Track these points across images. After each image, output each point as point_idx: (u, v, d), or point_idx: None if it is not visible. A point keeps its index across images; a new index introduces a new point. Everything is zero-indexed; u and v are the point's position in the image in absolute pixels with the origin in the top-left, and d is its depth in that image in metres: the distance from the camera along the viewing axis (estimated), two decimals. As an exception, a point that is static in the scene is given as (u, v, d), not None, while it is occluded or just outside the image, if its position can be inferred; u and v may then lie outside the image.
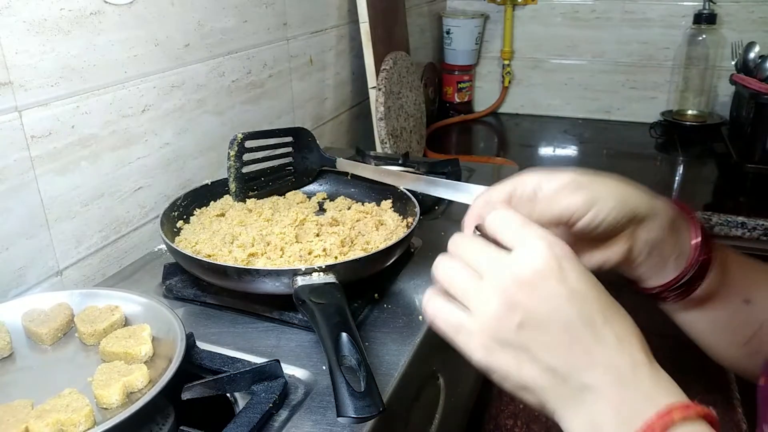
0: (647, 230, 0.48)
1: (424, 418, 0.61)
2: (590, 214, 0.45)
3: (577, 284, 0.38)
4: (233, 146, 0.77)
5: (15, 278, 0.65)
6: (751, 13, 1.65)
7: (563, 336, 0.37)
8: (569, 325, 0.37)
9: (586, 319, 0.38)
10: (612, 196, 0.45)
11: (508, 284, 0.38)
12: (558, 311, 0.37)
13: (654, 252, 0.50)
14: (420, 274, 0.71)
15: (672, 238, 0.50)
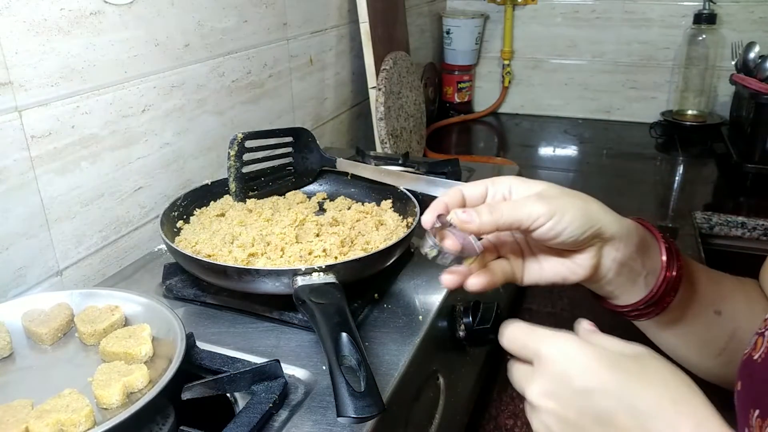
0: (615, 249, 0.49)
1: (424, 418, 0.61)
2: (550, 224, 0.46)
3: (591, 378, 0.39)
4: (233, 146, 0.77)
5: (15, 278, 0.65)
6: (751, 13, 1.65)
7: (596, 430, 0.39)
8: (598, 420, 0.39)
9: (612, 410, 0.38)
10: (576, 211, 0.47)
11: (533, 403, 0.41)
12: (582, 411, 0.39)
13: (623, 270, 0.51)
14: (420, 274, 0.71)
15: (641, 258, 0.51)
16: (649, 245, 0.52)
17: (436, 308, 0.65)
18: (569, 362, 0.40)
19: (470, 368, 0.75)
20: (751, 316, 0.55)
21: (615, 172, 1.55)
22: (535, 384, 0.41)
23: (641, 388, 0.38)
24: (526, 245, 0.53)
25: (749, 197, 1.37)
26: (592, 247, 0.49)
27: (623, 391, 0.38)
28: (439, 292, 0.67)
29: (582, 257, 0.49)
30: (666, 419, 0.37)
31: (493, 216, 0.46)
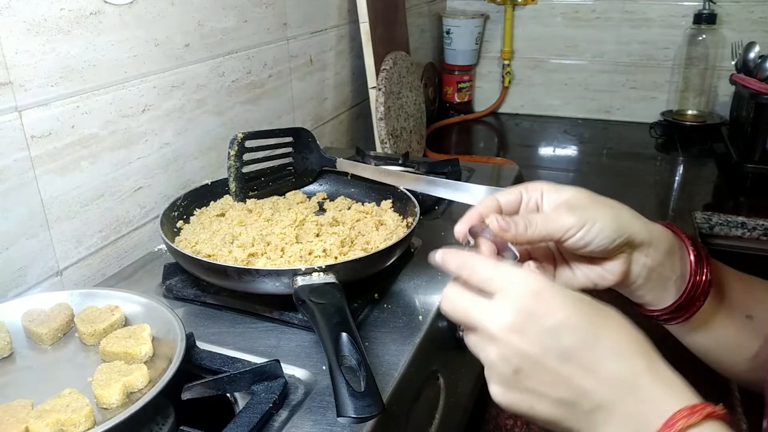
0: (645, 255, 0.50)
1: (424, 418, 0.61)
2: (580, 234, 0.47)
3: (559, 315, 0.40)
4: (233, 146, 0.77)
5: (15, 278, 0.65)
6: (751, 13, 1.65)
7: (559, 368, 0.40)
8: (561, 356, 0.39)
9: (576, 346, 0.39)
10: (605, 220, 0.47)
11: (496, 336, 0.41)
12: (547, 348, 0.40)
13: (653, 275, 0.51)
14: (420, 274, 0.71)
15: (671, 262, 0.52)
16: (678, 250, 0.52)
17: (436, 308, 0.65)
18: (538, 298, 0.40)
19: (470, 368, 0.75)
20: None
21: (615, 172, 1.55)
22: (501, 316, 0.40)
23: (604, 326, 0.40)
24: (557, 252, 0.53)
25: (749, 197, 1.37)
26: (622, 254, 0.49)
27: (589, 328, 0.40)
28: (439, 292, 0.67)
29: (612, 264, 0.50)
30: (625, 356, 0.39)
31: (528, 231, 0.47)
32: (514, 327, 0.40)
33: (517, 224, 0.47)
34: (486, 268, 0.43)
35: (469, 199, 0.72)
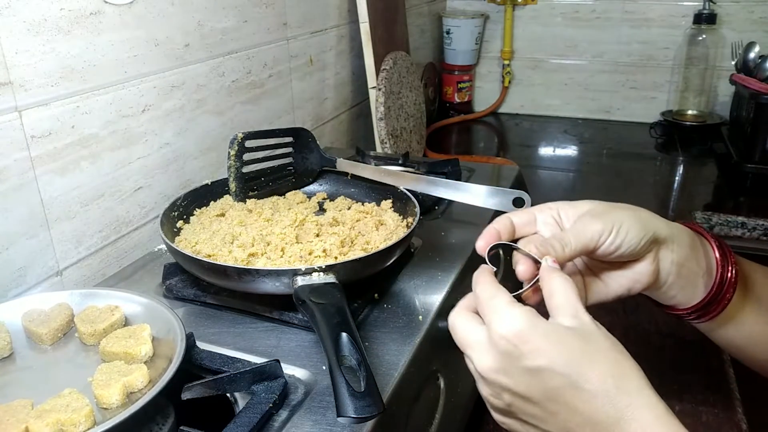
0: (671, 251, 0.51)
1: (424, 418, 0.61)
2: (610, 239, 0.48)
3: (541, 357, 0.41)
4: (233, 146, 0.77)
5: (15, 278, 0.65)
6: (751, 13, 1.65)
7: (546, 405, 0.41)
8: (546, 396, 0.41)
9: (559, 386, 0.41)
10: (629, 221, 0.48)
11: (484, 376, 0.43)
12: (532, 388, 0.41)
13: (682, 272, 0.52)
14: (420, 274, 0.71)
15: (696, 257, 0.52)
16: (701, 245, 0.53)
17: (436, 308, 0.65)
18: (519, 340, 0.41)
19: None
20: None
21: (615, 172, 1.55)
22: (486, 359, 0.43)
23: (586, 365, 0.40)
24: (585, 267, 0.54)
25: (749, 197, 1.37)
26: (650, 253, 0.50)
27: (569, 369, 0.40)
28: (439, 292, 0.67)
29: (642, 265, 0.51)
30: (607, 396, 0.40)
31: (566, 250, 0.48)
32: (499, 369, 0.42)
33: (554, 246, 0.47)
34: (483, 293, 0.45)
35: (469, 199, 0.72)
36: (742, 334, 0.57)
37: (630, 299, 0.96)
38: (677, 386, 0.80)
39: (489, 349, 0.42)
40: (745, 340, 0.57)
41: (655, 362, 0.85)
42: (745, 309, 0.55)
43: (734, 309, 0.55)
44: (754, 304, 0.56)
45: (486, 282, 0.46)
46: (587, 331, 0.42)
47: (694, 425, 0.74)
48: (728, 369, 0.84)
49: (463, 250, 0.77)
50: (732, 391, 0.80)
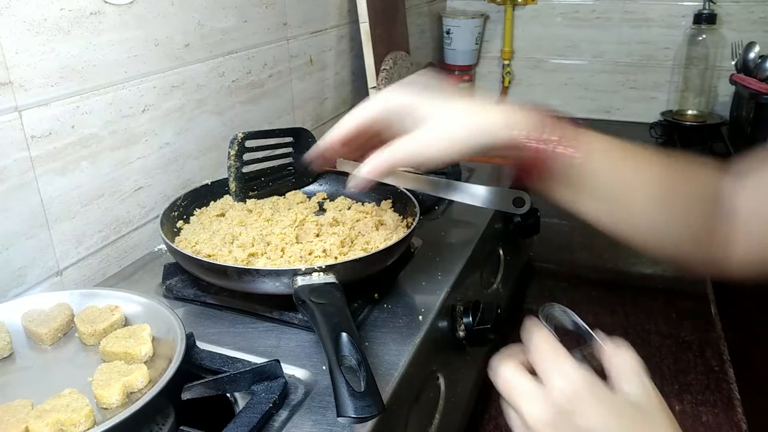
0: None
1: (424, 418, 0.61)
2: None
3: (593, 419, 0.40)
4: (233, 145, 0.77)
5: (15, 278, 0.65)
6: (751, 13, 1.65)
7: None
8: None
9: None
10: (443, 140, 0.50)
11: (536, 423, 0.41)
12: None
13: None
14: (420, 274, 0.71)
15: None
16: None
17: (436, 308, 0.65)
18: (577, 399, 0.41)
19: (470, 368, 0.75)
20: None
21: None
22: (540, 411, 0.41)
23: None
24: None
25: (749, 197, 1.37)
26: None
27: None
28: (439, 292, 0.68)
29: None
30: None
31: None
32: (549, 422, 0.41)
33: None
34: (544, 346, 0.44)
35: (469, 199, 0.72)
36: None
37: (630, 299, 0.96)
38: (677, 386, 0.80)
39: (544, 401, 0.41)
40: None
41: (655, 362, 0.85)
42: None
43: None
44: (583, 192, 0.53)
45: (546, 337, 0.45)
46: (648, 404, 0.42)
47: (694, 425, 0.74)
48: (728, 369, 0.84)
49: (463, 250, 0.77)
50: (732, 391, 0.80)
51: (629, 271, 1.12)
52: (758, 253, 0.52)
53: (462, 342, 0.70)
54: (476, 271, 0.80)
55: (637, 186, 0.53)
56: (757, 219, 0.51)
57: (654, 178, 0.53)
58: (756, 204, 0.52)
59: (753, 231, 0.51)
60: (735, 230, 0.52)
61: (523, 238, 1.02)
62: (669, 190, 0.53)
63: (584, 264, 1.14)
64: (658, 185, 0.53)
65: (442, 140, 0.50)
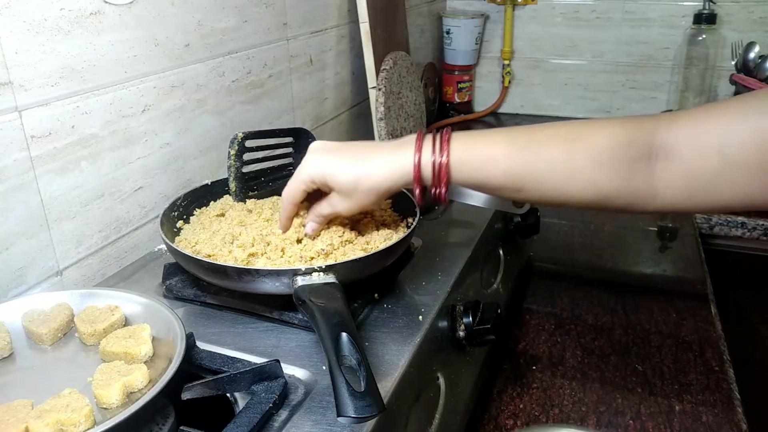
0: None
1: (424, 418, 0.61)
2: None
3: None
4: (233, 145, 0.77)
5: (15, 278, 0.65)
6: (751, 13, 1.65)
7: None
8: None
9: None
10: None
11: None
12: None
13: None
14: (420, 274, 0.71)
15: None
16: None
17: (436, 308, 0.65)
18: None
19: (470, 368, 0.75)
20: None
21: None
22: None
23: None
24: None
25: (749, 197, 1.37)
26: None
27: None
28: (439, 292, 0.68)
29: None
30: None
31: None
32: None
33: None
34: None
35: (469, 199, 0.72)
36: None
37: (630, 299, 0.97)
38: (677, 386, 0.80)
39: None
40: None
41: (655, 362, 0.85)
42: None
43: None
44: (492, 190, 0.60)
45: None
46: None
47: (694, 425, 0.74)
48: (728, 369, 0.84)
49: (463, 250, 0.77)
50: (732, 391, 0.80)
51: (629, 271, 1.12)
52: (695, 185, 0.55)
53: (462, 342, 0.70)
54: (476, 271, 0.80)
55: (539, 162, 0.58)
56: (694, 150, 0.54)
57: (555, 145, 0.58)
58: (691, 137, 0.54)
59: (692, 163, 0.54)
60: (669, 170, 0.55)
61: (523, 238, 1.02)
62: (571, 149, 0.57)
63: (584, 264, 1.14)
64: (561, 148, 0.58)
65: (351, 204, 0.62)
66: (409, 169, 0.59)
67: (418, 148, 0.59)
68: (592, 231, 1.23)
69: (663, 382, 0.81)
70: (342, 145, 0.63)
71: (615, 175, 0.56)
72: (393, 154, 0.60)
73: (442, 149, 0.58)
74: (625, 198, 0.57)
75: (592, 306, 0.98)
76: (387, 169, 0.60)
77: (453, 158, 0.58)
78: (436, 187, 0.59)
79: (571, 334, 0.91)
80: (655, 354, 0.87)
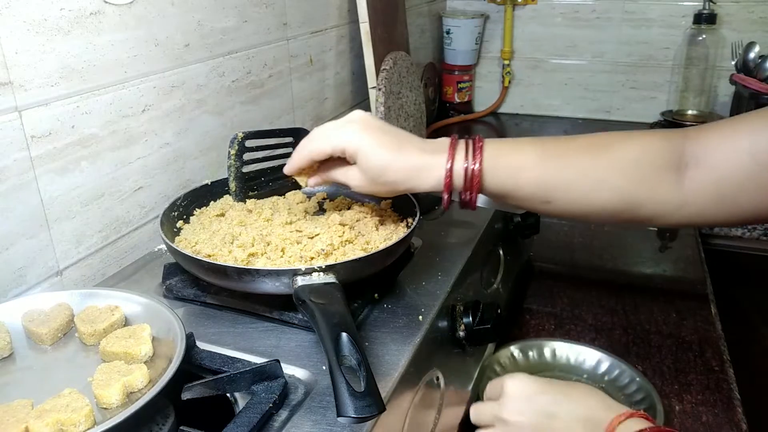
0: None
1: (424, 418, 0.61)
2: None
3: (534, 390, 0.62)
4: (233, 145, 0.77)
5: (15, 278, 0.65)
6: (751, 13, 1.65)
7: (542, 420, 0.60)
8: (545, 413, 0.60)
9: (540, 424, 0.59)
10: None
11: (512, 420, 0.61)
12: (536, 412, 0.60)
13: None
14: (420, 274, 0.71)
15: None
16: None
17: (436, 308, 0.65)
18: (524, 387, 0.61)
19: (470, 368, 0.75)
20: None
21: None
22: (508, 406, 0.61)
23: (566, 388, 0.61)
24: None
25: (749, 197, 1.36)
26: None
27: (556, 391, 0.61)
28: (439, 292, 0.68)
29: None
30: (582, 405, 0.59)
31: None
32: (518, 410, 0.61)
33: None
34: (489, 385, 0.66)
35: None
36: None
37: (630, 299, 0.97)
38: (677, 386, 0.80)
39: (508, 400, 0.62)
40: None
41: (655, 362, 0.85)
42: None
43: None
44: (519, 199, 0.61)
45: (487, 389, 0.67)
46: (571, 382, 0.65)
47: (694, 425, 0.74)
48: (728, 369, 0.84)
49: (463, 250, 0.77)
50: (732, 391, 0.80)
51: (629, 271, 1.12)
52: (724, 197, 0.56)
53: (462, 342, 0.70)
54: (476, 271, 0.80)
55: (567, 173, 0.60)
56: (724, 154, 0.55)
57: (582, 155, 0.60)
58: (721, 142, 0.56)
59: (722, 167, 0.55)
60: (699, 177, 0.56)
61: (523, 238, 1.02)
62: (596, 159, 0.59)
63: (584, 264, 1.14)
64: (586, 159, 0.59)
65: (366, 186, 0.63)
66: (440, 174, 0.59)
67: (451, 156, 0.59)
68: (592, 231, 1.23)
69: (663, 382, 0.81)
70: (382, 126, 0.62)
71: (643, 182, 0.57)
72: (426, 157, 0.60)
73: (475, 156, 0.58)
74: (652, 206, 0.57)
75: (592, 306, 0.98)
76: (416, 170, 0.60)
77: (486, 166, 0.58)
78: (468, 192, 0.60)
79: (571, 334, 0.91)
80: (655, 354, 0.87)
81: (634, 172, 0.57)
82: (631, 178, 0.57)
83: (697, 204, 0.56)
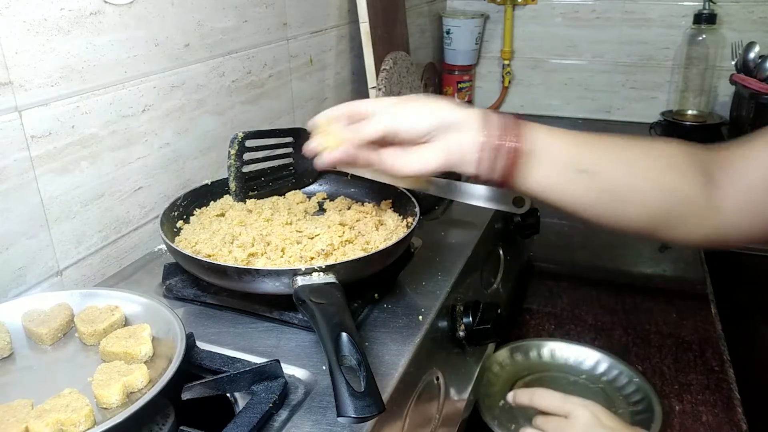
0: (458, 135, 0.57)
1: (424, 418, 0.61)
2: (397, 128, 0.57)
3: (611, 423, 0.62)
4: (234, 145, 0.77)
5: (15, 278, 0.65)
6: (751, 13, 1.65)
7: None
8: None
9: None
10: (414, 113, 0.58)
11: None
12: None
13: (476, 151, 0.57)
14: (420, 274, 0.71)
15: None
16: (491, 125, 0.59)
17: (436, 308, 0.65)
18: (594, 418, 0.62)
19: (470, 368, 0.75)
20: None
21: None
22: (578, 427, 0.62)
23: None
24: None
25: (749, 197, 1.36)
26: (438, 139, 0.58)
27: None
28: (439, 292, 0.68)
29: (430, 149, 0.58)
30: None
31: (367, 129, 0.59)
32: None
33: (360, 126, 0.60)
34: (557, 399, 0.65)
35: (469, 199, 0.72)
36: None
37: (630, 299, 0.97)
38: (677, 386, 0.80)
39: (573, 426, 0.63)
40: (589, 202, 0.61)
41: (655, 362, 0.85)
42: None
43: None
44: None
45: (550, 391, 0.68)
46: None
47: (694, 425, 0.74)
48: (728, 369, 0.84)
49: (463, 250, 0.77)
50: (732, 391, 0.80)
51: (629, 271, 1.12)
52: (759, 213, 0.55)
53: (462, 342, 0.70)
54: (476, 271, 0.80)
55: (604, 162, 0.62)
56: (756, 160, 0.55)
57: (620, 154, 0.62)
58: (750, 150, 0.56)
59: (753, 173, 0.55)
60: (733, 193, 0.56)
61: (523, 238, 1.02)
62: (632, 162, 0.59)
63: (584, 264, 1.14)
64: (623, 160, 0.60)
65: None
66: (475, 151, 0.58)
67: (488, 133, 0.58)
68: (592, 231, 1.22)
69: (663, 382, 0.81)
70: (409, 98, 0.61)
71: (683, 178, 0.57)
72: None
73: (515, 135, 0.60)
74: (687, 207, 0.57)
75: (592, 306, 0.98)
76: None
77: (525, 146, 0.60)
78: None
79: (571, 335, 0.91)
80: (655, 354, 0.87)
81: (675, 168, 0.57)
82: (671, 173, 0.57)
83: (729, 209, 0.56)
